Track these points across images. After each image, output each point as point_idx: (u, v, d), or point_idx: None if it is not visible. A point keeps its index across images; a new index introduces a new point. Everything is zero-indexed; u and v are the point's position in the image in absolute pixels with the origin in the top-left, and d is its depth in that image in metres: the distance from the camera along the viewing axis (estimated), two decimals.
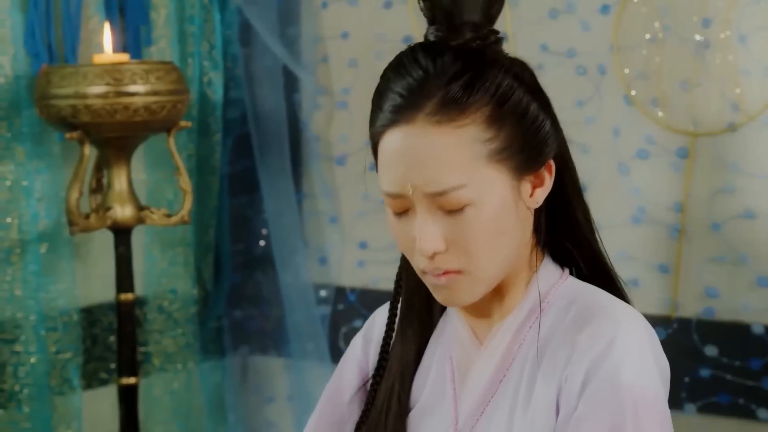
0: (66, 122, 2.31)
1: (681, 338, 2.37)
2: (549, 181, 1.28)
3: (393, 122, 1.24)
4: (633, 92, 2.43)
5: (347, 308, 2.83)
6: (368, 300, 2.79)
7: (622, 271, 2.43)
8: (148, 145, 2.61)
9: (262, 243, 2.92)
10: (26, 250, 2.43)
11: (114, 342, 2.61)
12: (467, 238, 1.23)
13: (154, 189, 2.71)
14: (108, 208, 2.40)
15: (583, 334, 1.24)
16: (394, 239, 1.29)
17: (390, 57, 1.32)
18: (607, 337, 1.22)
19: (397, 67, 1.27)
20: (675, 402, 2.34)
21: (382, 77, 1.28)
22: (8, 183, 2.42)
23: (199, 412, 2.84)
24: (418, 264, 1.26)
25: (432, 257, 1.24)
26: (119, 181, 2.42)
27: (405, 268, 1.38)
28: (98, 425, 2.62)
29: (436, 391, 1.35)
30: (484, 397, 1.30)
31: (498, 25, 2.71)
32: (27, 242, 2.43)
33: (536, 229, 1.32)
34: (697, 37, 2.35)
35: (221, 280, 2.90)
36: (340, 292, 2.83)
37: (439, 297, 1.28)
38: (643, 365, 1.23)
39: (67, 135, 2.32)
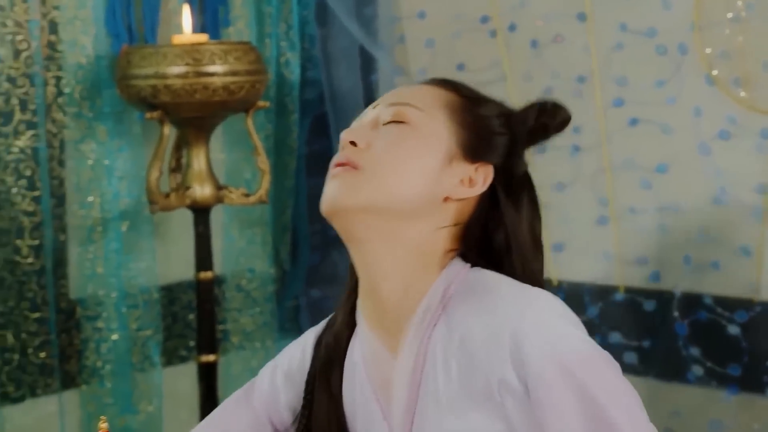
0: (146, 102, 2.34)
1: (764, 322, 2.33)
2: (478, 188, 1.33)
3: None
4: (715, 72, 2.39)
5: None
6: None
7: (702, 253, 2.40)
8: (227, 125, 2.63)
9: None
10: (108, 229, 2.47)
11: (193, 320, 2.64)
12: (385, 141, 1.30)
13: (233, 169, 2.73)
14: (187, 188, 2.43)
15: (495, 320, 1.23)
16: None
17: (467, 37, 1.34)
18: (517, 318, 1.21)
19: None
20: (757, 386, 2.30)
21: None
22: (90, 162, 2.45)
23: None
24: (335, 160, 1.32)
25: (346, 150, 1.31)
26: (198, 160, 2.44)
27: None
28: (178, 401, 2.66)
29: (367, 415, 1.34)
30: (408, 406, 1.29)
31: (576, 6, 2.68)
32: (108, 221, 2.47)
33: (465, 242, 1.33)
34: None
35: (299, 260, 2.91)
36: None
37: (326, 193, 1.30)
38: (565, 329, 1.22)
39: (148, 115, 2.35)
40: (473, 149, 1.33)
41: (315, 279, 2.94)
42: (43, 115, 2.40)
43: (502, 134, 1.35)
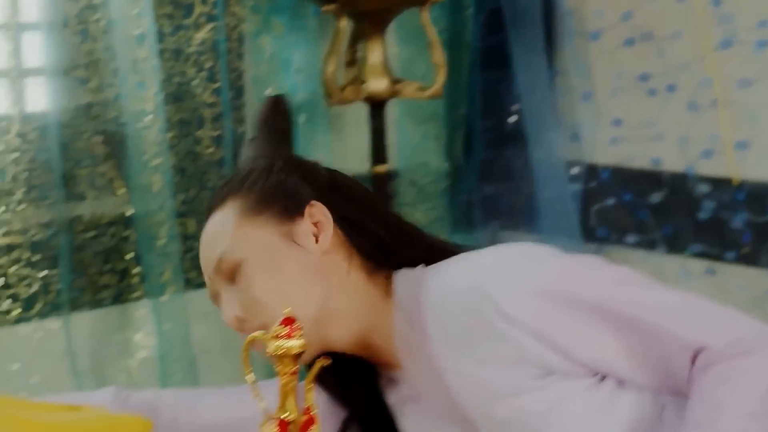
0: None
1: None
2: (327, 224, 1.33)
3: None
4: None
5: (599, 186, 2.79)
6: (621, 178, 2.74)
7: None
8: (402, 19, 2.61)
9: (513, 119, 2.90)
10: None
11: None
12: (254, 294, 1.31)
13: (407, 63, 2.73)
14: (363, 81, 2.44)
15: (470, 298, 1.26)
16: None
17: None
18: (486, 287, 1.25)
19: None
20: None
21: None
22: (267, 56, 2.49)
23: None
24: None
25: (240, 326, 1.31)
26: (373, 54, 2.45)
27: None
28: None
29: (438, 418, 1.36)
30: (454, 401, 1.31)
31: None
32: None
33: (375, 261, 1.35)
34: None
35: (472, 155, 2.91)
36: (592, 170, 2.79)
37: None
38: (526, 265, 1.27)
39: (324, 8, 2.36)
40: (290, 210, 1.34)
41: (488, 175, 2.94)
42: (222, 8, 2.44)
43: (289, 177, 1.36)
